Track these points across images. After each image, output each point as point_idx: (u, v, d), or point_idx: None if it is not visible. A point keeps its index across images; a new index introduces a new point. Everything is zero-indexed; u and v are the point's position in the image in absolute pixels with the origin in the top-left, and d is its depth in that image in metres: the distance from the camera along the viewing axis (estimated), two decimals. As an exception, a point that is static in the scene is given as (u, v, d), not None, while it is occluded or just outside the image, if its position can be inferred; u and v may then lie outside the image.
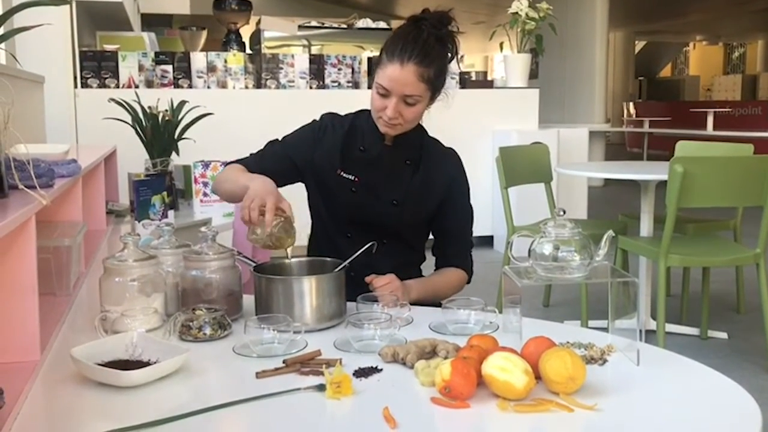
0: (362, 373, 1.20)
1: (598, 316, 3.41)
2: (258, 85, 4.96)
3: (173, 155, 2.95)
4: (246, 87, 4.93)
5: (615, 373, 1.24)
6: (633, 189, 3.95)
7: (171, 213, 2.60)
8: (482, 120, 5.37)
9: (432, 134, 1.88)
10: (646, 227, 3.47)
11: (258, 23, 5.63)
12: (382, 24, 5.80)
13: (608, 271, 1.33)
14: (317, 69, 5.05)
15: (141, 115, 2.89)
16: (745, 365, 3.09)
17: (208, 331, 1.39)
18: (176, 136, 2.94)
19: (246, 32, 5.71)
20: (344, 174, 1.80)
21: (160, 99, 3.04)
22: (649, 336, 3.12)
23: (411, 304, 1.59)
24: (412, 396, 1.14)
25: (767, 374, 2.99)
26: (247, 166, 1.78)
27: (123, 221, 2.73)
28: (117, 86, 4.62)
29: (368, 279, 1.66)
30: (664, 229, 2.88)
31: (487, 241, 5.46)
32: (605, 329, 1.38)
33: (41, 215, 1.31)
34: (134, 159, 3.04)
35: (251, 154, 1.86)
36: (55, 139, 3.79)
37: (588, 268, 1.31)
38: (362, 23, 5.72)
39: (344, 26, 5.72)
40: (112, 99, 2.97)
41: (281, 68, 4.98)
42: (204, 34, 5.97)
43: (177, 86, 4.74)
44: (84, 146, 3.48)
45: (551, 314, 3.79)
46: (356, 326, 1.38)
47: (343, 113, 1.88)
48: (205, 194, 2.86)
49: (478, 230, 2.66)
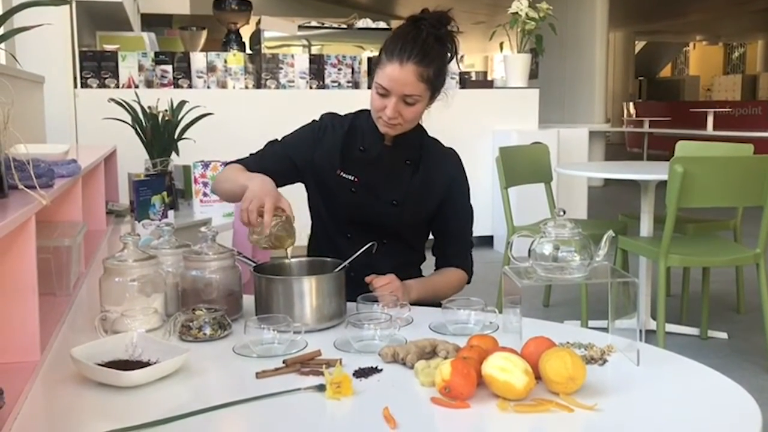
0: (362, 374, 1.20)
1: (598, 316, 3.41)
2: (258, 85, 4.96)
3: (173, 155, 2.95)
4: (246, 87, 4.93)
5: (615, 374, 1.24)
6: (633, 189, 3.95)
7: (171, 213, 2.60)
8: (482, 120, 5.37)
9: (432, 134, 1.88)
10: (646, 227, 3.47)
11: (258, 23, 5.63)
12: (382, 24, 5.80)
13: (608, 272, 1.33)
14: (317, 69, 5.04)
15: (141, 115, 2.89)
16: (745, 365, 3.09)
17: (208, 331, 1.39)
18: (176, 136, 2.94)
19: (246, 32, 5.71)
20: (344, 174, 1.80)
21: (160, 99, 3.04)
22: (649, 336, 3.12)
23: (411, 304, 1.59)
24: (412, 396, 1.14)
25: (767, 374, 2.99)
26: (247, 166, 1.78)
27: (123, 221, 2.73)
28: (117, 86, 4.62)
29: (368, 279, 1.66)
30: (664, 229, 2.88)
31: (487, 241, 5.46)
32: (605, 329, 1.38)
33: (41, 215, 1.30)
34: (134, 159, 3.04)
35: (251, 154, 1.85)
36: (55, 139, 3.79)
37: (588, 269, 1.31)
38: (362, 23, 5.72)
39: (344, 26, 5.73)
40: (112, 99, 2.97)
41: (281, 68, 4.98)
42: (204, 34, 5.97)
43: (177, 86, 4.74)
44: (84, 146, 3.48)
45: (551, 314, 3.79)
46: (356, 326, 1.38)
47: (343, 113, 1.88)
48: (205, 194, 2.86)
49: (478, 230, 2.66)
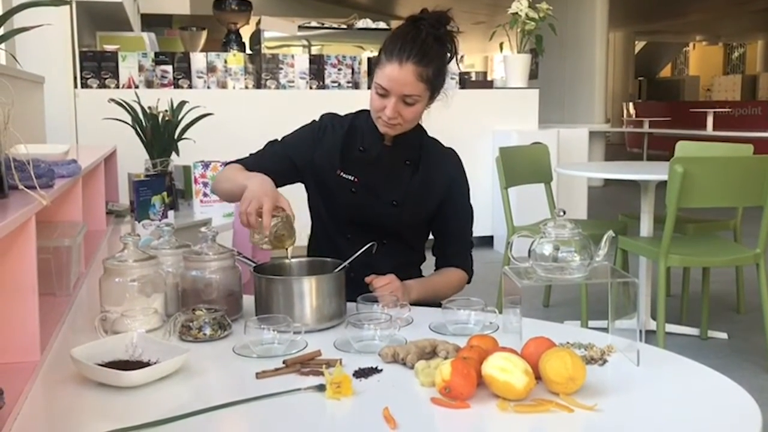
0: (362, 374, 1.20)
1: (598, 317, 3.41)
2: (258, 86, 4.96)
3: (173, 155, 2.95)
4: (246, 87, 4.93)
5: (615, 374, 1.24)
6: (633, 189, 3.95)
7: (171, 213, 2.59)
8: (482, 120, 5.37)
9: (432, 134, 1.88)
10: (646, 227, 3.47)
11: (258, 23, 5.63)
12: (382, 24, 5.80)
13: (608, 272, 1.33)
14: (317, 69, 5.05)
15: (141, 116, 2.89)
16: (745, 365, 3.09)
17: (208, 332, 1.39)
18: (176, 137, 2.94)
19: (246, 32, 5.71)
20: (344, 174, 1.80)
21: (160, 99, 3.04)
22: (649, 336, 3.12)
23: (411, 305, 1.59)
24: (412, 396, 1.14)
25: (767, 374, 2.99)
26: (247, 166, 1.77)
27: (123, 221, 2.73)
28: (117, 86, 4.62)
29: (368, 279, 1.66)
30: (664, 229, 2.88)
31: (487, 242, 5.46)
32: (605, 329, 1.38)
33: (41, 215, 1.31)
34: (134, 159, 3.04)
35: (251, 154, 1.85)
36: (55, 140, 3.79)
37: (588, 269, 1.31)
38: (362, 23, 5.72)
39: (344, 26, 5.73)
40: (112, 99, 2.97)
41: (281, 68, 4.98)
42: (204, 35, 5.97)
43: (177, 86, 4.74)
44: (84, 146, 3.48)
45: (551, 314, 3.79)
46: (356, 327, 1.38)
47: (343, 113, 1.88)
48: (205, 194, 2.87)
49: (478, 230, 2.66)
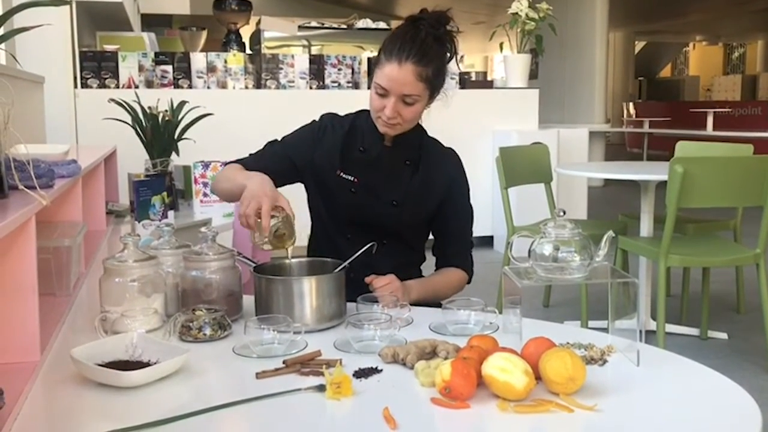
0: (362, 374, 1.20)
1: (598, 317, 3.41)
2: (258, 86, 4.96)
3: (173, 155, 2.95)
4: (246, 87, 4.93)
5: (615, 374, 1.24)
6: (633, 189, 3.95)
7: (171, 213, 2.59)
8: (482, 120, 5.37)
9: (432, 134, 1.88)
10: (646, 227, 3.47)
11: (258, 23, 5.63)
12: (382, 24, 5.80)
13: (608, 272, 1.33)
14: (317, 69, 5.05)
15: (141, 116, 2.89)
16: (745, 365, 3.09)
17: (208, 332, 1.39)
18: (176, 137, 2.94)
19: (246, 32, 5.71)
20: (344, 175, 1.80)
21: (160, 99, 3.04)
22: (649, 336, 3.12)
23: (411, 305, 1.59)
24: (412, 396, 1.14)
25: (767, 374, 2.99)
26: (246, 166, 1.77)
27: (123, 221, 2.73)
28: (117, 86, 4.62)
29: (368, 279, 1.66)
30: (664, 230, 2.88)
31: (487, 242, 5.46)
32: (605, 330, 1.38)
33: (41, 215, 1.30)
34: (134, 159, 3.04)
35: (250, 154, 1.85)
36: (55, 140, 3.79)
37: (588, 269, 1.31)
38: (362, 23, 5.72)
39: (344, 26, 5.73)
40: (112, 99, 2.97)
41: (281, 68, 4.98)
42: (204, 35, 5.97)
43: (177, 86, 4.74)
44: (84, 146, 3.48)
45: (551, 315, 3.79)
46: (356, 327, 1.38)
47: (343, 113, 1.88)
48: (205, 195, 2.87)
49: (478, 230, 2.66)
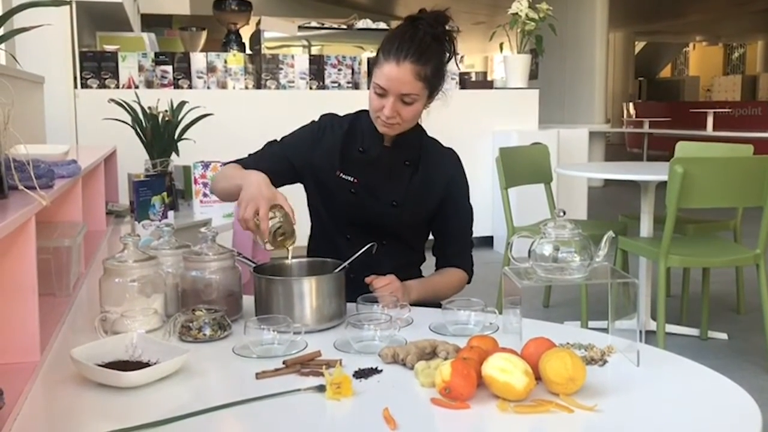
0: (362, 374, 1.20)
1: (598, 317, 3.41)
2: (258, 86, 4.96)
3: (173, 156, 2.95)
4: (246, 87, 4.93)
5: (615, 374, 1.24)
6: (633, 189, 3.95)
7: (171, 213, 2.59)
8: (482, 120, 5.37)
9: (432, 134, 1.88)
10: (646, 228, 3.47)
11: (258, 24, 5.64)
12: (382, 24, 5.80)
13: (608, 272, 1.33)
14: (317, 69, 5.05)
15: (141, 116, 2.89)
16: (745, 366, 3.09)
17: (208, 332, 1.39)
18: (176, 137, 2.94)
19: (246, 33, 5.71)
20: (343, 175, 1.79)
21: (160, 99, 3.04)
22: (649, 337, 3.12)
23: (411, 305, 1.59)
24: (412, 397, 1.14)
25: (767, 375, 2.99)
26: (246, 167, 1.77)
27: (123, 222, 2.73)
28: (117, 87, 4.62)
29: (368, 279, 1.66)
30: (664, 230, 2.88)
31: (487, 242, 5.46)
32: (605, 330, 1.38)
33: (41, 216, 1.30)
34: (134, 159, 3.04)
35: (250, 155, 1.85)
36: (55, 140, 3.80)
37: (588, 269, 1.31)
38: (362, 24, 5.72)
39: (344, 27, 5.73)
40: (112, 99, 2.97)
41: (281, 69, 4.98)
42: (204, 35, 5.97)
43: (177, 87, 4.74)
44: (84, 147, 3.48)
45: (551, 315, 3.79)
46: (356, 327, 1.38)
47: (343, 114, 1.88)
48: (205, 195, 2.86)
49: (478, 231, 2.66)
